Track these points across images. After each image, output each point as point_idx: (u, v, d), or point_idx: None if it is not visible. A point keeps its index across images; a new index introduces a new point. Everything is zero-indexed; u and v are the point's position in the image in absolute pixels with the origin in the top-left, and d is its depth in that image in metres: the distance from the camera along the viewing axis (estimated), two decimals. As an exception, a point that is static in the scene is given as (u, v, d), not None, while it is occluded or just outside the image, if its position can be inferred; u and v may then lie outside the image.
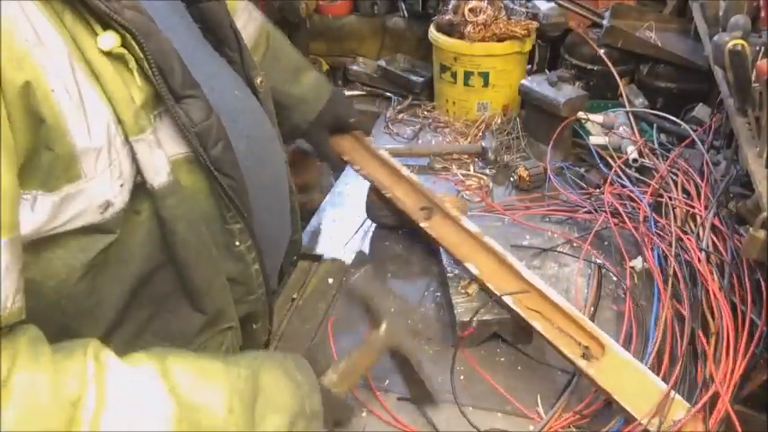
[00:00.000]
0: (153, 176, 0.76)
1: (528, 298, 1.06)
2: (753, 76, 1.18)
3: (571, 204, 1.47)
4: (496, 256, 1.13)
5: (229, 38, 1.00)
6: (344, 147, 1.38)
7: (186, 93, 0.77)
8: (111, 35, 0.70)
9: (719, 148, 1.52)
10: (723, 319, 1.04)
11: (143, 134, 0.74)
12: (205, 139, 0.79)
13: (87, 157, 0.70)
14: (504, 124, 1.82)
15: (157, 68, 0.74)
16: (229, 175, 0.83)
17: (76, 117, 0.68)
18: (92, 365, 0.65)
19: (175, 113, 0.76)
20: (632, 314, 1.15)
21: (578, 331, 1.01)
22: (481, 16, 1.80)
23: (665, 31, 1.84)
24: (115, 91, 0.71)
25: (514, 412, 1.02)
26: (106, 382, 0.65)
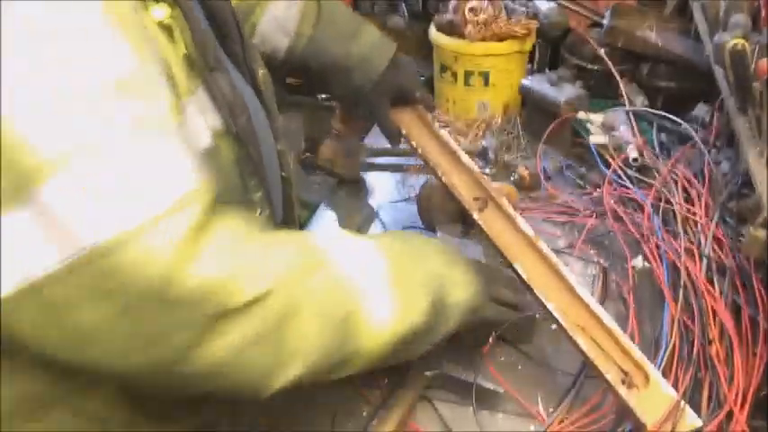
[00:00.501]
0: (197, 140, 0.80)
1: (574, 312, 1.01)
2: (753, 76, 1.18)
3: (573, 210, 1.46)
4: (547, 262, 1.08)
5: (232, 30, 1.01)
6: (404, 120, 1.31)
7: (217, 65, 0.83)
8: (162, 7, 0.76)
9: (720, 147, 1.52)
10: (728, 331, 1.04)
11: (193, 96, 0.79)
12: (234, 110, 0.84)
13: None
14: (504, 124, 1.82)
15: (199, 40, 0.79)
16: (252, 145, 0.88)
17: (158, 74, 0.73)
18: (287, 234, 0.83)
19: (211, 84, 0.81)
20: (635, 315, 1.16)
21: (622, 356, 0.96)
22: (481, 16, 1.80)
23: (665, 31, 1.84)
24: (168, 57, 0.76)
25: (515, 412, 1.02)
26: (311, 237, 0.82)
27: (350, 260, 0.81)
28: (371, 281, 0.81)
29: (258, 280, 0.69)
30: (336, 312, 0.77)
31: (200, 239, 0.66)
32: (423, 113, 1.32)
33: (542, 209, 1.49)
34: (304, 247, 0.78)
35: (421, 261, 0.90)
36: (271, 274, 0.70)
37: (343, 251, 0.82)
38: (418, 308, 0.85)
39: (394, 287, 0.83)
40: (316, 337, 0.75)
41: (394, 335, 0.83)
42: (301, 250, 0.77)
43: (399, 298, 0.83)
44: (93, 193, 0.62)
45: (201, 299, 0.65)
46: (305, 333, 0.74)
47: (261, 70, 1.06)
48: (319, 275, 0.76)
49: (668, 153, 1.60)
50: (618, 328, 0.99)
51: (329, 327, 0.76)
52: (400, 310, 0.83)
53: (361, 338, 0.80)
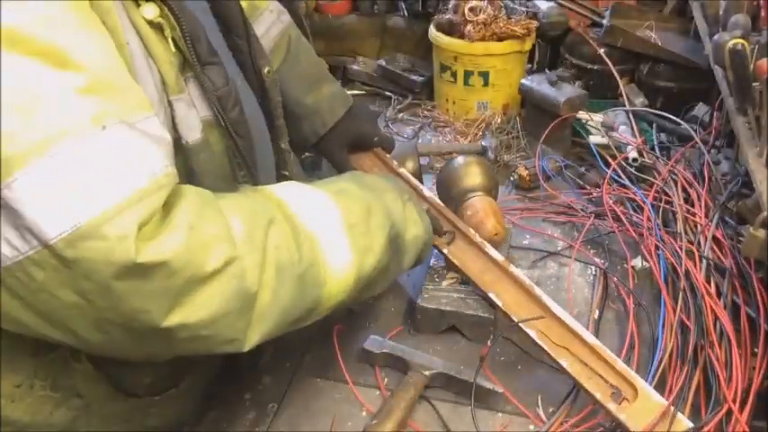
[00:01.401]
0: (188, 133, 0.85)
1: (555, 332, 1.02)
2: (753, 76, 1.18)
3: (572, 210, 1.46)
4: (522, 286, 1.08)
5: (239, 27, 1.03)
6: (365, 163, 1.33)
7: (210, 60, 0.86)
8: (152, 6, 0.79)
9: (719, 147, 1.53)
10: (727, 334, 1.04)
11: (182, 94, 0.83)
12: (225, 103, 0.88)
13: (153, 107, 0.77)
14: (504, 123, 1.82)
15: (189, 37, 0.82)
16: (243, 137, 0.91)
17: (141, 69, 0.77)
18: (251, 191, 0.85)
19: (202, 78, 0.85)
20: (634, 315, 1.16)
21: (608, 371, 0.96)
22: (481, 15, 1.80)
23: (665, 31, 1.84)
24: (160, 54, 0.80)
25: (514, 412, 1.02)
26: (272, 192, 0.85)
27: (307, 212, 0.84)
28: (328, 230, 0.85)
29: (221, 249, 0.71)
30: (299, 265, 0.80)
31: (163, 222, 0.68)
32: (382, 155, 1.33)
33: (542, 209, 1.48)
34: (263, 206, 0.81)
35: (376, 202, 0.93)
36: (233, 240, 0.72)
37: (301, 203, 0.85)
38: (375, 249, 0.89)
39: (350, 233, 0.87)
40: (282, 292, 0.78)
41: (355, 277, 0.87)
42: (261, 209, 0.80)
43: (356, 242, 0.87)
44: (56, 187, 0.63)
45: (171, 274, 0.67)
46: (272, 288, 0.76)
47: (267, 67, 1.07)
48: (279, 233, 0.78)
49: (668, 153, 1.60)
50: (600, 345, 0.98)
51: (293, 280, 0.79)
52: (358, 253, 0.87)
53: (325, 286, 0.84)
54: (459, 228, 1.19)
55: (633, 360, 1.08)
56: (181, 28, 0.81)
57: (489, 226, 1.23)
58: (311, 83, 1.28)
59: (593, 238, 1.37)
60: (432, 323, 1.15)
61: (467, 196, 1.30)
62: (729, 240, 1.21)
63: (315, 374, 1.09)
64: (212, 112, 0.87)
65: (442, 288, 1.17)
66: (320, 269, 0.82)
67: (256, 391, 1.06)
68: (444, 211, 1.22)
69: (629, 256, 1.30)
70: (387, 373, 1.09)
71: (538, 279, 1.27)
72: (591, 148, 1.58)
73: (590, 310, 1.20)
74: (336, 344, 1.11)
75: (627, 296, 1.21)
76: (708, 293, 1.11)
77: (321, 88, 1.28)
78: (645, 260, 1.27)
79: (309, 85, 1.27)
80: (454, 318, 1.14)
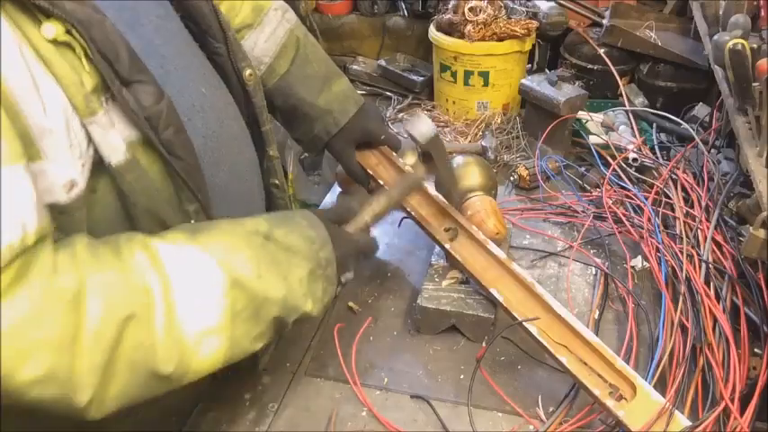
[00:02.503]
0: (110, 154, 0.80)
1: (555, 330, 1.03)
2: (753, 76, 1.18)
3: (572, 210, 1.46)
4: (523, 284, 1.09)
5: (213, 28, 1.00)
6: (370, 161, 1.33)
7: (134, 78, 0.80)
8: (53, 24, 0.73)
9: (719, 147, 1.53)
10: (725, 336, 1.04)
11: (94, 116, 0.77)
12: (155, 123, 0.82)
13: (46, 137, 0.73)
14: (504, 123, 1.82)
15: (101, 55, 0.76)
16: (181, 158, 0.85)
17: (31, 99, 0.71)
18: (143, 256, 0.77)
19: (122, 98, 0.79)
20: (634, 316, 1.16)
21: (607, 369, 0.97)
22: (481, 15, 1.80)
23: (665, 31, 1.84)
24: (64, 76, 0.74)
25: (515, 412, 1.02)
26: (163, 264, 0.77)
27: (188, 301, 0.78)
28: (205, 324, 0.79)
29: (44, 357, 0.68)
30: (156, 365, 0.76)
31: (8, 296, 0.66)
32: (387, 152, 1.32)
33: (542, 209, 1.48)
34: (133, 294, 0.75)
35: (275, 289, 0.86)
36: (66, 342, 0.70)
37: (186, 289, 0.78)
38: (254, 334, 0.85)
39: (231, 324, 0.81)
40: (132, 386, 0.75)
41: (224, 359, 0.82)
42: (128, 297, 0.74)
43: (234, 332, 0.82)
44: None
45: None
46: (121, 384, 0.74)
47: (248, 70, 1.04)
48: (138, 331, 0.74)
49: (668, 153, 1.60)
50: (600, 343, 0.99)
51: (147, 376, 0.76)
52: (232, 342, 0.82)
53: (187, 375, 0.80)
54: (462, 225, 1.20)
55: (632, 360, 1.07)
56: (89, 47, 0.75)
57: (490, 225, 1.23)
58: (322, 82, 1.26)
59: (592, 238, 1.37)
60: (432, 323, 1.15)
61: (467, 196, 1.30)
62: (730, 240, 1.21)
63: (315, 374, 1.09)
64: (140, 132, 0.81)
65: (442, 288, 1.18)
66: (183, 368, 0.79)
67: (256, 391, 1.06)
68: (448, 209, 1.22)
69: (628, 257, 1.30)
70: (387, 374, 1.09)
71: (538, 279, 1.26)
72: (591, 148, 1.58)
73: (590, 311, 1.20)
74: (337, 343, 1.11)
75: (627, 296, 1.21)
76: (706, 295, 1.11)
77: (332, 86, 1.27)
78: (645, 260, 1.27)
79: (320, 85, 1.26)
80: (454, 318, 1.14)
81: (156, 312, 0.76)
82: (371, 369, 1.10)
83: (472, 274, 1.14)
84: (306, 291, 0.90)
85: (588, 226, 1.39)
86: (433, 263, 1.23)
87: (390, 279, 1.31)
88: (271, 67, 1.20)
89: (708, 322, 1.07)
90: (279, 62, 1.21)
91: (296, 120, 1.26)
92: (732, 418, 0.93)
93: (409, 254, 1.37)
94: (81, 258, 0.74)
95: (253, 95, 1.06)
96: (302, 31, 1.26)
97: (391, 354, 1.13)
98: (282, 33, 1.21)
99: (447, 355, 1.12)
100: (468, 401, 1.03)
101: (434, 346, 1.14)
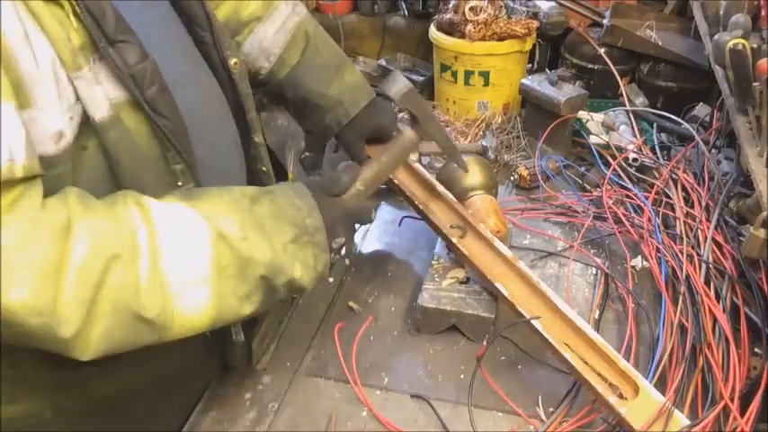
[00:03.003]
0: (93, 111, 0.82)
1: (559, 328, 1.03)
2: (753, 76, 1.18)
3: (573, 210, 1.46)
4: (528, 281, 1.10)
5: (198, 16, 1.01)
6: (377, 156, 1.29)
7: (119, 38, 0.83)
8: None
9: (720, 147, 1.53)
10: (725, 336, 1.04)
11: (80, 71, 0.80)
12: (140, 81, 0.84)
13: (36, 85, 0.76)
14: (504, 123, 1.82)
15: (89, 13, 0.79)
16: (166, 117, 0.88)
17: (23, 48, 0.74)
18: (136, 210, 0.81)
19: (108, 55, 0.82)
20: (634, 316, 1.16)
21: (609, 368, 0.97)
22: (482, 15, 1.80)
23: (665, 31, 1.84)
24: (52, 32, 0.77)
25: (515, 412, 1.02)
26: (153, 219, 0.81)
27: (174, 250, 0.81)
28: (190, 272, 0.82)
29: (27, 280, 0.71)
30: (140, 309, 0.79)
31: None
32: None
33: (542, 209, 1.48)
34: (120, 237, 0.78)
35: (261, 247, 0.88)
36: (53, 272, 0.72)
37: (172, 238, 0.82)
38: (241, 293, 0.87)
39: (216, 277, 0.84)
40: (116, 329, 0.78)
41: (211, 318, 0.85)
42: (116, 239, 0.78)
43: (220, 287, 0.84)
44: None
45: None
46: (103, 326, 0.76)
47: (233, 59, 1.05)
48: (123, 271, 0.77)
49: (668, 153, 1.60)
50: (603, 341, 0.99)
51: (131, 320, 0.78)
52: (218, 298, 0.84)
53: (172, 329, 0.82)
54: (469, 223, 1.21)
55: (632, 359, 1.07)
56: (77, 4, 0.79)
57: (491, 224, 1.23)
58: (333, 72, 1.26)
59: (593, 238, 1.37)
60: (432, 323, 1.15)
61: (468, 195, 1.31)
62: (730, 240, 1.21)
63: (315, 374, 1.09)
64: (126, 90, 0.84)
65: (443, 288, 1.18)
66: (166, 316, 0.81)
67: (257, 391, 1.06)
68: (457, 206, 1.24)
69: (628, 257, 1.30)
70: (387, 373, 1.09)
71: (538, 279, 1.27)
72: (591, 148, 1.58)
73: (590, 310, 1.20)
74: (337, 343, 1.11)
75: (627, 296, 1.21)
76: (706, 294, 1.11)
77: (343, 77, 1.26)
78: (645, 260, 1.27)
79: (332, 75, 1.25)
80: (455, 317, 1.14)
81: (141, 257, 0.78)
82: (372, 369, 1.10)
83: (479, 268, 1.14)
84: (292, 256, 0.91)
85: (588, 226, 1.39)
86: (434, 263, 1.23)
87: (391, 278, 1.31)
88: (281, 58, 1.21)
89: (707, 322, 1.07)
90: (289, 53, 1.21)
91: (306, 110, 1.26)
92: (732, 418, 0.93)
93: (409, 253, 1.37)
94: (71, 203, 0.77)
95: (238, 83, 1.07)
96: (312, 24, 1.26)
97: (391, 353, 1.13)
98: (292, 25, 1.21)
99: (447, 354, 1.12)
100: (468, 401, 1.03)
101: (435, 346, 1.14)
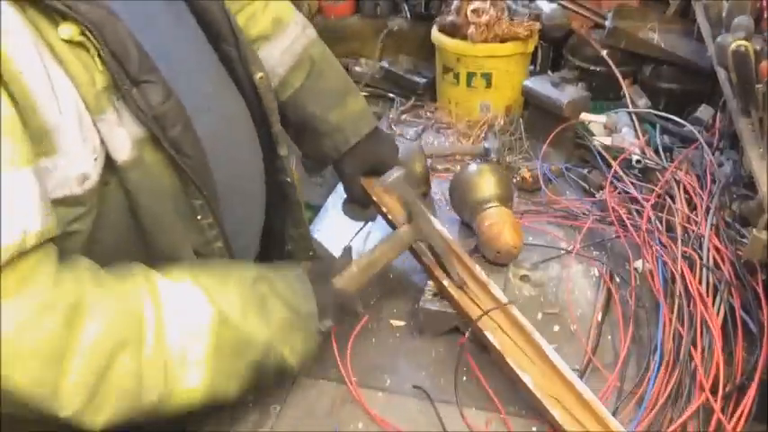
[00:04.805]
0: (116, 152, 0.83)
1: (549, 382, 0.97)
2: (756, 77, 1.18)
3: (574, 211, 1.46)
4: (521, 329, 1.04)
5: (224, 32, 1.01)
6: (378, 190, 1.28)
7: (143, 78, 0.83)
8: (69, 26, 0.77)
9: (722, 149, 1.52)
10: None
11: (103, 114, 0.80)
12: (163, 122, 0.85)
13: (61, 132, 0.76)
14: (506, 125, 1.82)
15: (112, 55, 0.80)
16: (188, 155, 0.88)
17: (46, 95, 0.75)
18: (145, 288, 0.82)
19: (131, 96, 0.82)
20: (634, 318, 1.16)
21: (597, 426, 0.91)
22: (484, 17, 1.80)
23: (668, 32, 1.84)
24: (76, 75, 0.78)
25: (517, 413, 1.02)
26: (160, 297, 0.82)
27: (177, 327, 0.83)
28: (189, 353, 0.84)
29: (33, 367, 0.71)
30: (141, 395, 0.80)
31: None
32: None
33: (545, 212, 1.48)
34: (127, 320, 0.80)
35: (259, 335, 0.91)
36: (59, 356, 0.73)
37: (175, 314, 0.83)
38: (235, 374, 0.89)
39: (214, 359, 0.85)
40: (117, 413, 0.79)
41: (203, 396, 0.86)
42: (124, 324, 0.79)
43: (215, 368, 0.86)
44: None
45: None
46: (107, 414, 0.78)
47: (259, 73, 1.05)
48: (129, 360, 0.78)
49: (671, 155, 1.59)
50: (594, 398, 0.94)
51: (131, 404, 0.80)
52: (214, 376, 0.86)
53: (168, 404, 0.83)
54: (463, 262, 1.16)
55: (633, 363, 1.08)
56: (101, 48, 0.79)
57: (508, 237, 1.24)
58: (336, 98, 1.24)
59: (595, 240, 1.37)
60: (435, 324, 1.15)
61: (483, 207, 1.30)
62: (731, 243, 1.20)
63: (317, 375, 1.09)
64: (147, 130, 0.84)
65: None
66: (166, 396, 0.83)
67: (259, 393, 1.06)
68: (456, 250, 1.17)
69: (631, 259, 1.30)
70: (389, 375, 1.09)
71: (540, 281, 1.27)
72: (593, 149, 1.58)
73: (592, 313, 1.20)
74: (338, 345, 1.11)
75: (629, 299, 1.20)
76: (702, 300, 1.10)
77: (347, 104, 1.25)
78: (647, 262, 1.27)
79: (334, 101, 1.24)
80: (457, 319, 1.14)
81: (146, 337, 0.80)
82: (373, 370, 1.10)
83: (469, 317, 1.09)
84: (285, 337, 0.94)
85: (591, 228, 1.39)
86: None
87: (393, 280, 1.30)
88: (284, 79, 1.20)
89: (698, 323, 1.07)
90: (293, 75, 1.20)
91: (305, 134, 1.25)
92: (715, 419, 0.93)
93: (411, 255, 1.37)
94: (84, 279, 0.78)
95: (263, 97, 1.07)
96: (321, 47, 1.25)
97: (393, 355, 1.13)
98: (300, 48, 1.20)
99: (449, 356, 1.12)
100: (456, 400, 1.02)
101: (437, 348, 1.14)
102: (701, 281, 1.14)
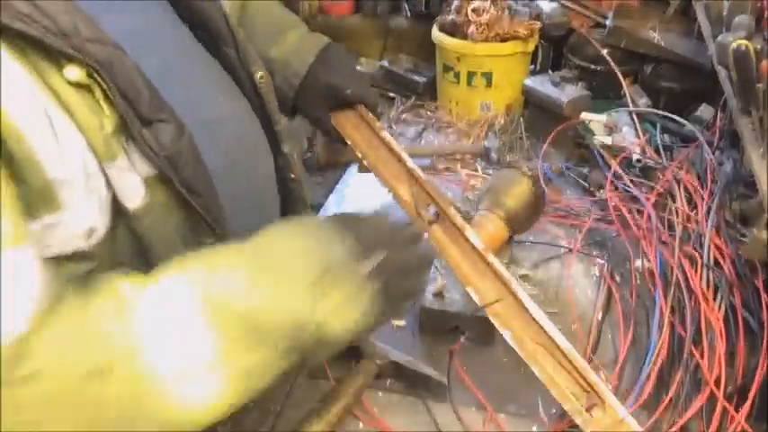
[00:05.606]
0: (127, 199, 0.77)
1: (530, 335, 0.91)
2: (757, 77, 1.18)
3: (575, 210, 1.46)
4: (502, 280, 0.95)
5: (223, 33, 0.97)
6: (346, 125, 1.13)
7: (155, 117, 0.76)
8: (75, 68, 0.70)
9: (723, 148, 1.52)
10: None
11: (114, 161, 0.74)
12: (175, 161, 0.78)
13: (65, 188, 0.70)
14: (507, 124, 1.82)
15: (123, 97, 0.73)
16: (200, 194, 0.82)
17: (49, 150, 0.68)
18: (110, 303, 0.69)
19: (141, 138, 0.75)
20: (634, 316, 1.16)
21: (580, 382, 0.88)
22: (484, 16, 1.80)
23: (668, 32, 1.84)
24: (84, 120, 0.71)
25: (516, 413, 1.02)
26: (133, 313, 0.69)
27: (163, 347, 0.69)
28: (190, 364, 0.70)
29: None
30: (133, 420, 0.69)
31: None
32: (365, 115, 1.12)
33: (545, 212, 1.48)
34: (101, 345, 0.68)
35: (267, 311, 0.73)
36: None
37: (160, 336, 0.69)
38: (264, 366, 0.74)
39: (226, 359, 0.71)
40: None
41: (230, 402, 0.73)
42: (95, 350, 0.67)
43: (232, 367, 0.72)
44: None
45: None
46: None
47: (259, 72, 1.02)
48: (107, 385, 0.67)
49: (671, 154, 1.59)
50: (574, 352, 0.89)
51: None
52: (234, 380, 0.72)
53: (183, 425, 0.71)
54: (441, 208, 1.03)
55: (632, 360, 1.08)
56: (110, 90, 0.72)
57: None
58: (276, 34, 1.15)
59: (596, 239, 1.37)
60: (435, 324, 1.15)
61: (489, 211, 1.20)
62: (731, 242, 1.20)
63: (316, 376, 1.09)
64: (157, 169, 0.78)
65: (446, 289, 1.17)
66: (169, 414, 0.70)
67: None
68: (427, 187, 1.04)
69: (631, 258, 1.30)
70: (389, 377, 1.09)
71: (541, 280, 1.27)
72: (594, 149, 1.58)
73: (593, 311, 1.20)
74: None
75: (630, 297, 1.20)
76: (704, 296, 1.10)
77: (287, 38, 1.15)
78: (647, 260, 1.27)
79: (274, 37, 1.14)
80: (457, 319, 1.13)
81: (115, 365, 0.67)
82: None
83: (448, 264, 1.00)
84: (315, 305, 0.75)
85: (591, 226, 1.39)
86: (437, 264, 1.23)
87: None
88: None
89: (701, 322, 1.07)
90: None
91: None
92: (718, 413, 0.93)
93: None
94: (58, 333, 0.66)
95: (265, 96, 1.05)
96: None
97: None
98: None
99: (449, 356, 1.12)
100: (468, 402, 1.03)
101: (437, 348, 1.14)
102: (701, 279, 1.15)
